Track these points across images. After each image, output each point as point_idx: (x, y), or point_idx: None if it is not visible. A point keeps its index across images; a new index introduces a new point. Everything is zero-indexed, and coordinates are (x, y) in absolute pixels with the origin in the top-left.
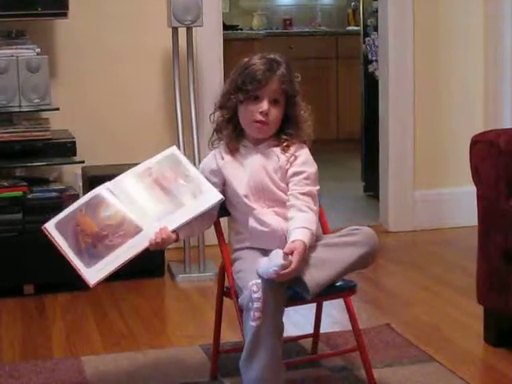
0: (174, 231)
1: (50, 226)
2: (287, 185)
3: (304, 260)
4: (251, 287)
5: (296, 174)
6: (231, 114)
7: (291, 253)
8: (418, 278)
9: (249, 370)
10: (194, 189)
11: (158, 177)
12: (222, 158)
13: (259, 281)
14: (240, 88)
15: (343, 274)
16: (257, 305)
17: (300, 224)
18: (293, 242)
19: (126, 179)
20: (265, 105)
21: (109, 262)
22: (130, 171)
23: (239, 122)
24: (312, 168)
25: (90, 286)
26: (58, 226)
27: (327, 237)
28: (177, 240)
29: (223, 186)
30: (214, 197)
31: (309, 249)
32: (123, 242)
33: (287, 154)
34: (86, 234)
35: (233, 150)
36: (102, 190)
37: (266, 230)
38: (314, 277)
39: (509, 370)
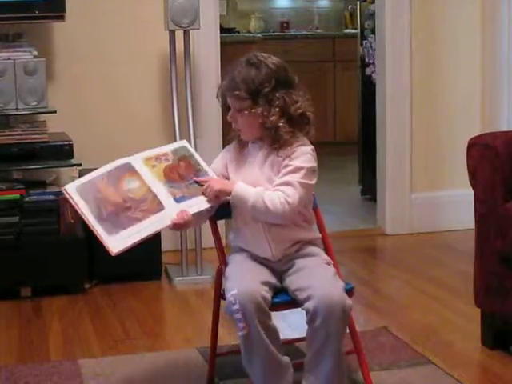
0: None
1: (71, 188)
2: None
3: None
4: (229, 299)
5: (283, 167)
6: None
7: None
8: (415, 281)
9: (252, 372)
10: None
11: (174, 164)
12: (231, 152)
13: (235, 291)
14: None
15: None
16: (238, 316)
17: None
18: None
19: (144, 157)
20: (229, 114)
21: (132, 233)
22: (146, 152)
23: None
24: (302, 163)
25: (113, 254)
26: (80, 190)
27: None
28: (192, 225)
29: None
30: None
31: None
32: (145, 217)
33: (286, 151)
34: (109, 203)
35: (243, 146)
36: (124, 162)
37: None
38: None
39: (505, 372)
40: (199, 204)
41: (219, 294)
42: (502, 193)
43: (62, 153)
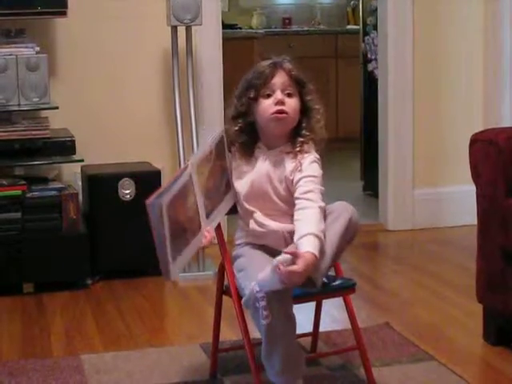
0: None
1: (166, 205)
2: (292, 193)
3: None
4: (254, 287)
5: (300, 179)
6: (244, 121)
7: (294, 254)
8: (417, 277)
9: (271, 363)
10: (226, 183)
11: (214, 165)
12: (235, 160)
13: (261, 278)
14: (250, 86)
15: (340, 253)
16: (263, 303)
17: (306, 229)
18: (306, 251)
19: (198, 164)
20: (278, 94)
21: (183, 258)
22: (200, 153)
23: (253, 128)
24: (314, 172)
25: (169, 280)
26: (168, 205)
27: None
28: None
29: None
30: (233, 198)
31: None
32: (191, 240)
33: (294, 163)
34: (177, 222)
35: (244, 153)
36: (189, 173)
37: (265, 231)
38: (316, 268)
39: (507, 368)
40: (218, 215)
41: (221, 290)
42: (504, 189)
43: (64, 149)
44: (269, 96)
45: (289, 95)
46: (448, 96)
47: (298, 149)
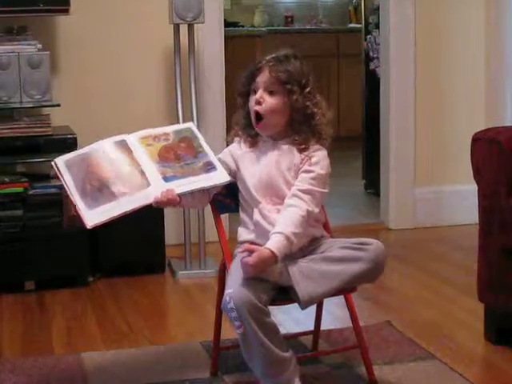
0: (178, 195)
1: (60, 161)
2: None
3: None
4: (225, 297)
5: (304, 171)
6: (246, 112)
7: (249, 249)
8: (418, 276)
9: (253, 367)
10: (205, 163)
11: (173, 144)
12: (241, 149)
13: (231, 290)
14: (241, 84)
15: (341, 289)
16: (233, 315)
17: (280, 228)
18: (265, 247)
19: (141, 136)
20: (258, 94)
21: (111, 208)
22: (146, 130)
23: None
24: (322, 170)
25: (88, 227)
26: (68, 163)
27: (333, 243)
28: (179, 205)
29: (236, 174)
30: (223, 176)
31: (305, 259)
32: (129, 193)
33: (303, 155)
34: (96, 177)
35: (251, 144)
36: (120, 139)
37: (267, 225)
38: (309, 290)
39: (509, 367)
40: (189, 184)
41: (222, 288)
42: (505, 188)
43: (65, 146)
44: (255, 92)
45: (271, 93)
46: (450, 95)
47: (302, 146)
